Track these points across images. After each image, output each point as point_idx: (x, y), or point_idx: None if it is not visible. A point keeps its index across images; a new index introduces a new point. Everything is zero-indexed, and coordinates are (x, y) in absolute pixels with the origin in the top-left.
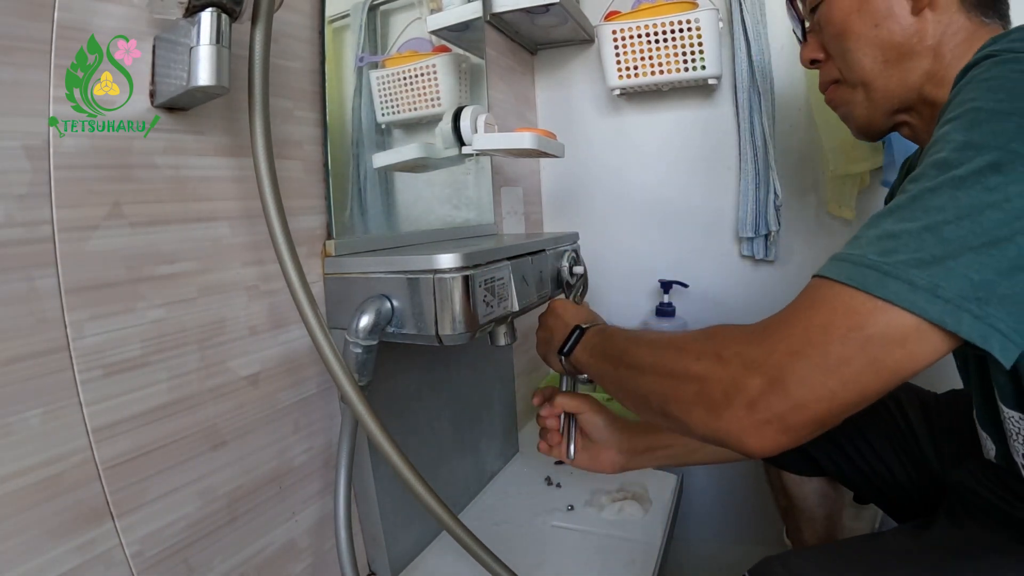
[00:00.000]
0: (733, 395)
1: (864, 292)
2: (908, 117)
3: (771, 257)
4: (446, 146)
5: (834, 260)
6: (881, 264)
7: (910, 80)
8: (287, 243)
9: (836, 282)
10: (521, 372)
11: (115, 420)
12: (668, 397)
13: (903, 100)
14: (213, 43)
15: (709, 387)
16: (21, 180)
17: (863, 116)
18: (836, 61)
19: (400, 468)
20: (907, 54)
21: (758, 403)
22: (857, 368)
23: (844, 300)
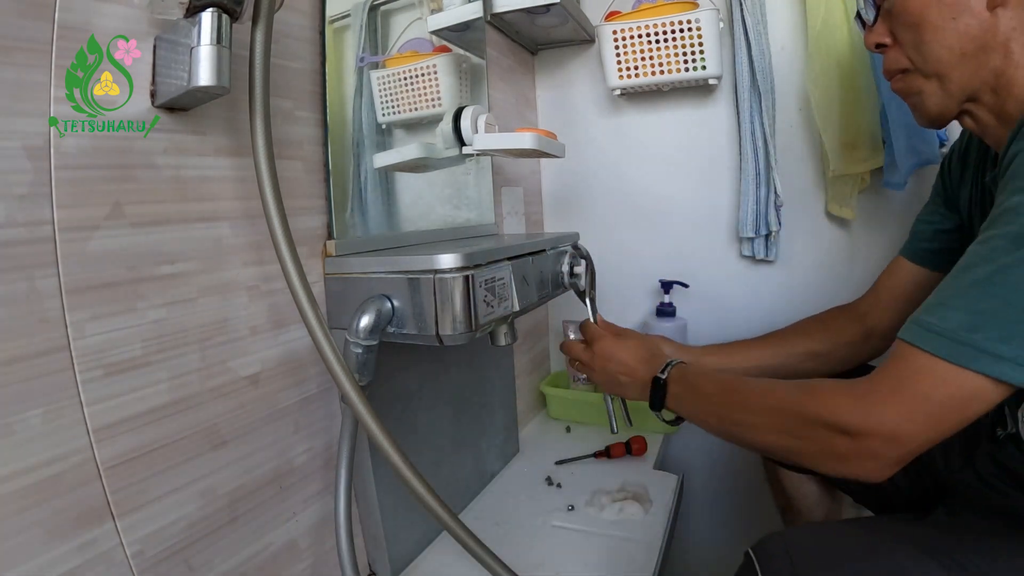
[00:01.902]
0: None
1: (956, 364)
2: (973, 107)
3: (771, 257)
4: (447, 146)
5: (925, 331)
6: (971, 340)
7: (982, 73)
8: (288, 243)
9: (932, 355)
10: (521, 372)
11: (116, 420)
12: (793, 453)
13: (973, 91)
14: (214, 43)
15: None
16: (22, 180)
17: (936, 106)
18: (907, 50)
19: (400, 468)
20: (982, 48)
21: (880, 455)
22: (951, 421)
23: (939, 372)
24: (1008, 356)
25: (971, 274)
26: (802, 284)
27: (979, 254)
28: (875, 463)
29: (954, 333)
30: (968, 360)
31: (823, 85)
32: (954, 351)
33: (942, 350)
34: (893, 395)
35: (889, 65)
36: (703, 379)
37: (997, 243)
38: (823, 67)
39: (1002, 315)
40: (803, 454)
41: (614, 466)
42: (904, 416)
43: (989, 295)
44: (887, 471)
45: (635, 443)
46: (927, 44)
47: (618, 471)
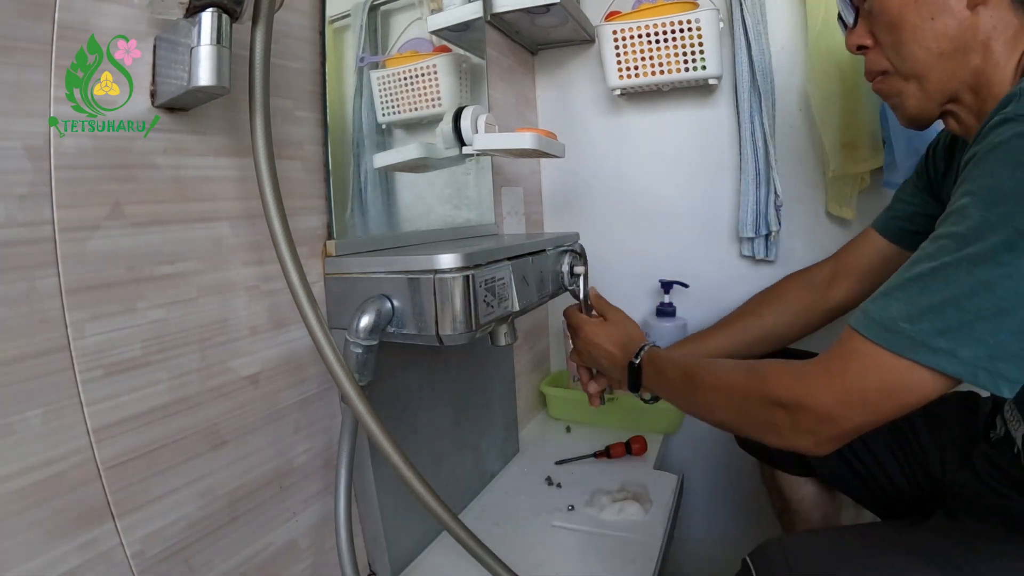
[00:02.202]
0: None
1: (893, 352)
2: (955, 108)
3: (771, 257)
4: (447, 146)
5: (869, 319)
6: (909, 331)
7: (961, 73)
8: (288, 243)
9: (872, 342)
10: (521, 372)
11: (116, 420)
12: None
13: (954, 92)
14: (214, 43)
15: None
16: (22, 180)
17: (915, 107)
18: (887, 51)
19: (400, 468)
20: (961, 48)
21: (815, 431)
22: (886, 408)
23: (878, 358)
24: (944, 348)
25: (916, 268)
26: None
27: (926, 251)
28: (811, 439)
29: (893, 323)
30: (903, 349)
31: (823, 85)
32: (891, 339)
33: (880, 337)
34: (829, 376)
35: (869, 67)
36: (667, 364)
37: (942, 242)
38: (823, 67)
39: (940, 310)
40: (750, 429)
41: (614, 466)
42: (838, 397)
43: (930, 291)
44: (825, 447)
45: (635, 443)
46: (905, 45)
47: (618, 471)
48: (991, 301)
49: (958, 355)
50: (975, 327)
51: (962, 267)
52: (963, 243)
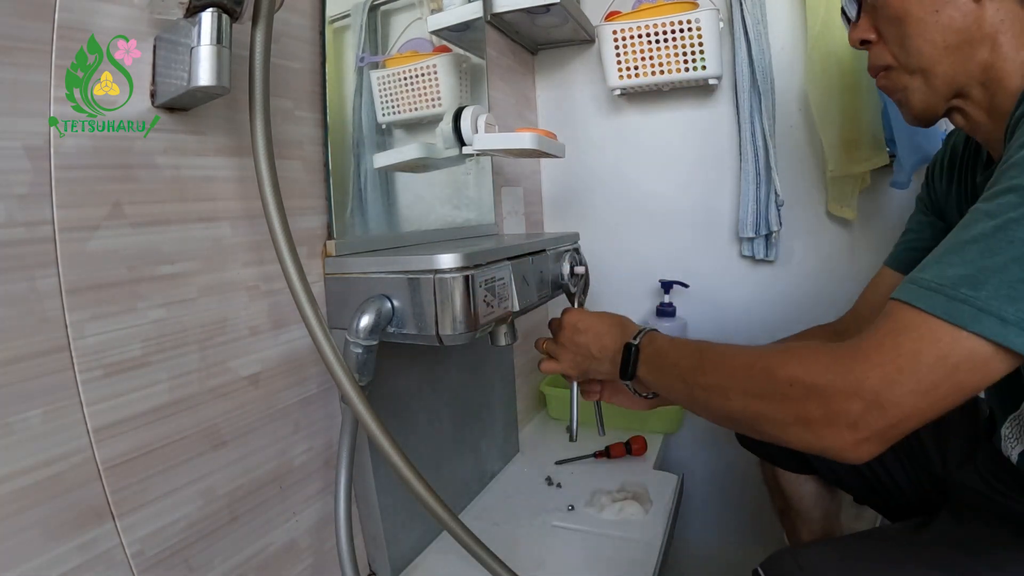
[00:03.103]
0: (834, 418)
1: (953, 324)
2: (962, 104)
3: (771, 257)
4: (447, 146)
5: (922, 288)
6: (972, 298)
7: (968, 67)
8: (288, 243)
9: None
10: (521, 372)
11: (116, 420)
12: (761, 418)
13: (961, 86)
14: (214, 43)
15: (807, 410)
16: (22, 180)
17: (921, 103)
18: (891, 46)
19: (400, 468)
20: (967, 41)
21: (859, 424)
22: (944, 391)
23: (933, 330)
24: (1013, 319)
25: (973, 229)
26: (802, 284)
27: (982, 210)
28: (852, 434)
29: (953, 289)
30: (967, 320)
31: (823, 85)
32: (952, 309)
33: (937, 307)
34: (877, 352)
35: (873, 61)
36: (674, 344)
37: (1004, 198)
38: (823, 67)
39: (1008, 273)
40: (770, 420)
41: (614, 466)
42: (889, 376)
43: (994, 251)
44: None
45: (635, 443)
46: (910, 38)
47: (618, 471)
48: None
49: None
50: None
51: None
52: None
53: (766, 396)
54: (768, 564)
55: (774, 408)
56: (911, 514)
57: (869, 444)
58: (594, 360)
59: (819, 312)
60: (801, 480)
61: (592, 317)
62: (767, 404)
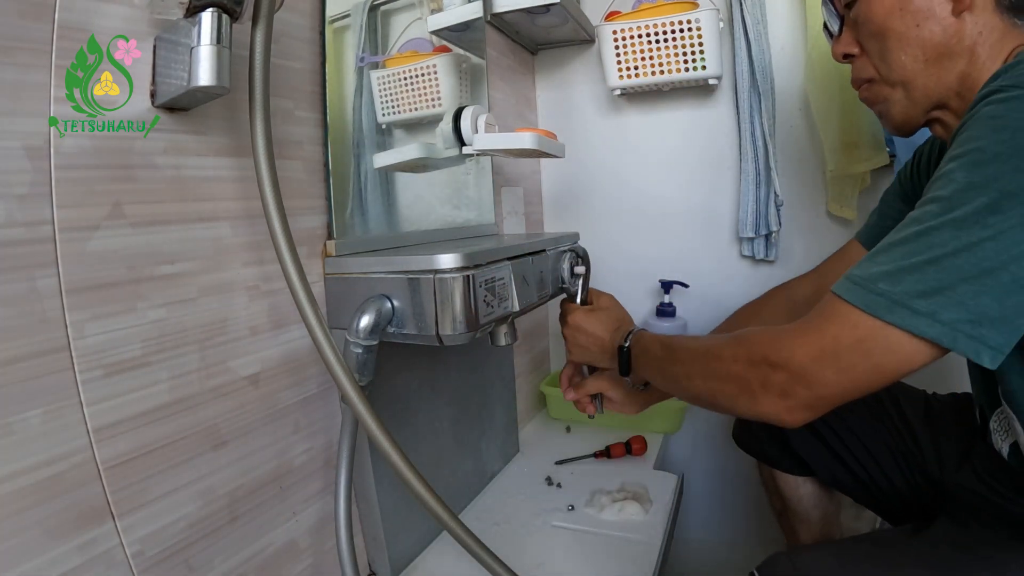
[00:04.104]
0: (768, 386)
1: (869, 314)
2: (941, 114)
3: (771, 257)
4: (447, 146)
5: (850, 282)
6: (888, 292)
7: (947, 79)
8: (288, 243)
9: (848, 303)
10: (521, 372)
11: (116, 420)
12: (716, 394)
13: (940, 98)
14: (214, 43)
15: (747, 384)
16: (22, 180)
17: (901, 114)
18: (872, 59)
19: (400, 468)
20: (946, 54)
21: (788, 393)
22: (863, 371)
23: (854, 319)
24: (923, 311)
25: (901, 233)
26: None
27: (912, 216)
28: (783, 401)
29: (873, 284)
30: (882, 311)
31: (823, 85)
32: (870, 300)
33: (858, 298)
34: (806, 334)
35: (856, 74)
36: (651, 341)
37: (928, 207)
38: (823, 67)
39: (922, 272)
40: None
41: (614, 466)
42: (812, 354)
43: (912, 253)
44: (798, 414)
45: (635, 443)
46: (891, 52)
47: (618, 471)
48: (974, 263)
49: (939, 318)
50: (957, 289)
51: (946, 229)
52: (948, 206)
53: (717, 375)
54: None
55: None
56: (909, 516)
57: (799, 411)
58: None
59: None
60: (799, 482)
61: (590, 319)
62: (719, 382)
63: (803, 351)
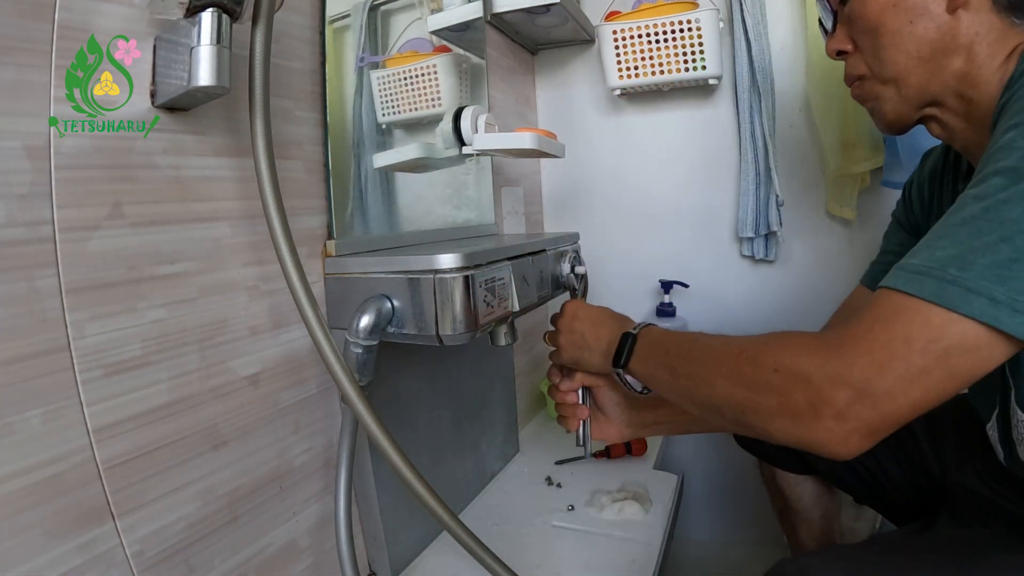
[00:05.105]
0: (820, 407)
1: (942, 306)
2: (937, 112)
3: (771, 257)
4: (447, 146)
5: (910, 273)
6: (961, 279)
7: (942, 77)
8: (288, 243)
9: (914, 296)
10: (521, 372)
11: (116, 420)
12: (746, 408)
13: (934, 96)
14: (214, 43)
15: (792, 399)
16: (22, 180)
17: (893, 112)
18: (866, 56)
19: (400, 468)
20: (941, 51)
21: (846, 414)
22: (937, 377)
23: (923, 313)
24: (1003, 299)
25: (962, 212)
26: (802, 284)
27: (970, 195)
28: (839, 425)
29: (941, 271)
30: (957, 302)
31: (823, 85)
32: (941, 290)
33: (926, 290)
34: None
35: (848, 71)
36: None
37: (991, 180)
38: (823, 67)
39: (997, 252)
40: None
41: (614, 466)
42: (878, 362)
43: (982, 231)
44: (854, 441)
45: (635, 443)
46: (884, 49)
47: (618, 471)
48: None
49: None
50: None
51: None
52: (1016, 176)
53: (750, 384)
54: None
55: (758, 397)
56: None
57: (857, 437)
58: (587, 350)
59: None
60: (800, 480)
61: (591, 308)
62: (751, 392)
63: (866, 359)
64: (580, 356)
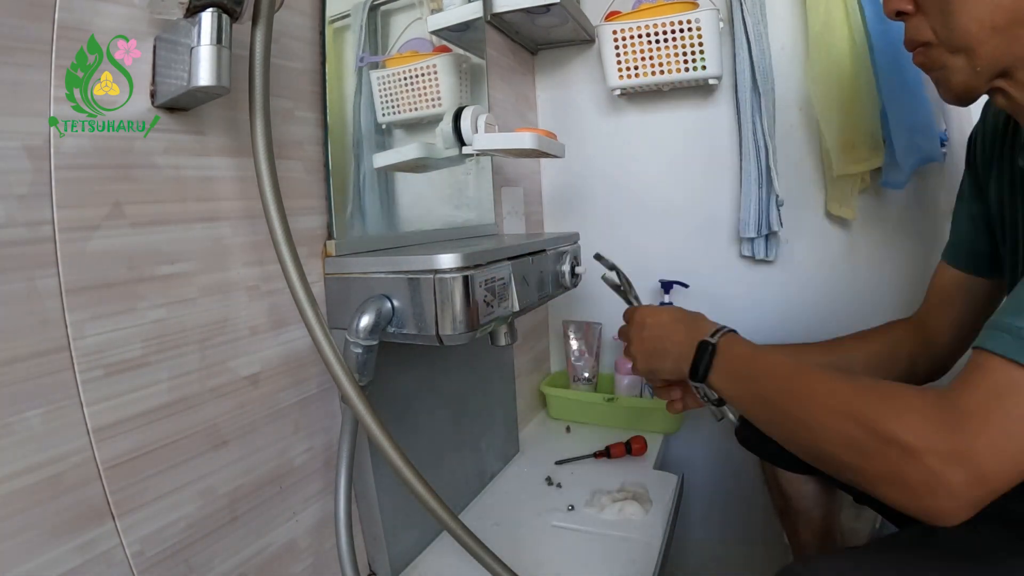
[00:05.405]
0: (935, 486)
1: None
2: (1005, 84)
3: (771, 257)
4: (446, 146)
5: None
6: None
7: (1015, 49)
8: (288, 243)
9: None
10: (521, 372)
11: (116, 420)
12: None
13: (1005, 67)
14: (214, 43)
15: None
16: (22, 180)
17: (962, 83)
18: (932, 20)
19: (400, 468)
20: (1017, 21)
21: (960, 495)
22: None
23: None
24: None
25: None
26: (802, 284)
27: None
28: (950, 502)
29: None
30: None
31: (823, 85)
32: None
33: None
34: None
35: (911, 35)
36: (758, 354)
37: None
38: (823, 67)
39: None
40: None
41: (614, 466)
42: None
43: None
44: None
45: (635, 443)
46: (954, 15)
47: (618, 471)
48: None
49: None
50: None
51: None
52: None
53: (860, 449)
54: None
55: (868, 463)
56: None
57: (965, 512)
58: (658, 358)
59: (819, 312)
60: (801, 480)
61: (661, 312)
62: (861, 459)
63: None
64: (655, 366)
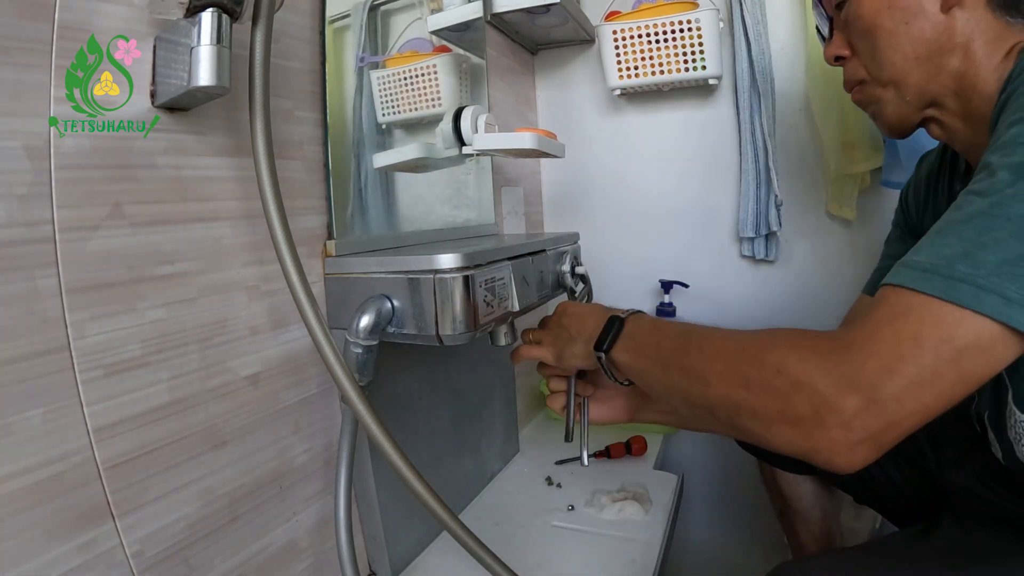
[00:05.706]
0: (825, 415)
1: (954, 304)
2: (937, 113)
3: (771, 257)
4: (446, 146)
5: (916, 270)
6: (972, 276)
7: (940, 77)
8: (288, 243)
9: (923, 294)
10: (521, 372)
11: (116, 420)
12: (742, 410)
13: (933, 96)
14: (214, 43)
15: (795, 404)
16: (22, 180)
17: (894, 115)
18: (863, 59)
19: (400, 468)
20: (937, 51)
21: (853, 423)
22: (949, 380)
23: (933, 312)
24: (1015, 297)
25: (966, 209)
26: (802, 284)
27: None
28: (844, 435)
29: (949, 268)
30: (969, 299)
31: (823, 84)
32: (951, 288)
33: (935, 287)
34: (873, 339)
35: (848, 76)
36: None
37: (997, 176)
38: (823, 67)
39: (1007, 249)
40: (752, 413)
41: (614, 466)
42: (887, 365)
43: (990, 228)
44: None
45: (635, 443)
46: (881, 51)
47: (618, 471)
48: None
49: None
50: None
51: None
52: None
53: (750, 384)
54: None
55: (758, 399)
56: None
57: (863, 448)
58: (570, 341)
59: (819, 312)
60: (800, 481)
61: (582, 305)
62: (750, 394)
63: (874, 362)
64: (563, 350)
